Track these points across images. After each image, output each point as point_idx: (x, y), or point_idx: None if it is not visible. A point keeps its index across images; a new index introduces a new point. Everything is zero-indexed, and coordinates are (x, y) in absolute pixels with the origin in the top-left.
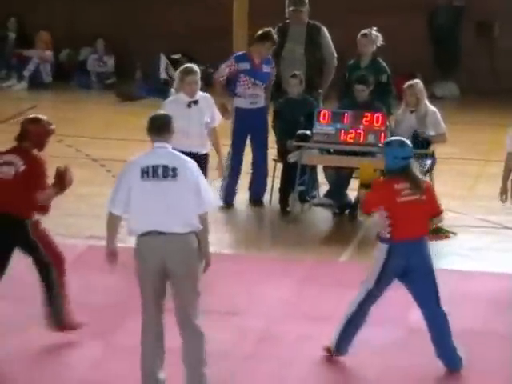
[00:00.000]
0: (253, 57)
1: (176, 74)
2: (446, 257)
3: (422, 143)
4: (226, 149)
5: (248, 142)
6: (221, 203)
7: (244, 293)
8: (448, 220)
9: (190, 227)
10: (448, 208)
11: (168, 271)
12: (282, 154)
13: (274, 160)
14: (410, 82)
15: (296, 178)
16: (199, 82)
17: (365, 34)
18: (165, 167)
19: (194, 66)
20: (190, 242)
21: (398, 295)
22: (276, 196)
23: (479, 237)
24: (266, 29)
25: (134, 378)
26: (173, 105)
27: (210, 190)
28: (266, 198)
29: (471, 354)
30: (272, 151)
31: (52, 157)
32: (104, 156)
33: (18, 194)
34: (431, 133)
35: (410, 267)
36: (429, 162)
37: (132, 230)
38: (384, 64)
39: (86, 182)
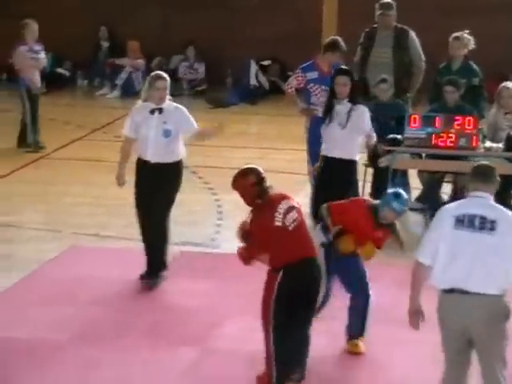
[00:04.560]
0: (320, 65)
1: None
2: None
3: None
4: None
5: None
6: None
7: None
8: None
9: (501, 289)
10: None
11: (472, 336)
12: (373, 159)
13: (365, 165)
14: (505, 85)
15: (387, 183)
16: (167, 90)
17: (457, 37)
18: (482, 218)
19: (163, 73)
20: (498, 306)
21: None
22: None
23: None
24: (334, 37)
25: (230, 381)
26: (137, 111)
27: None
28: None
29: None
30: (362, 156)
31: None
32: (197, 163)
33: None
34: None
35: None
36: None
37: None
38: (476, 67)
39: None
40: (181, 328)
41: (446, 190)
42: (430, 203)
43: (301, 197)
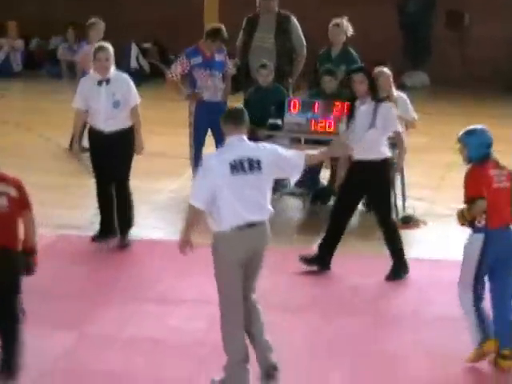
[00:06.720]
0: (204, 50)
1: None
2: (416, 246)
3: None
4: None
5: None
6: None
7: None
8: (419, 209)
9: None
10: (419, 197)
11: (251, 262)
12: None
13: None
14: (380, 69)
15: None
16: (111, 60)
17: (336, 24)
18: (250, 159)
19: (106, 44)
20: (268, 230)
21: None
22: None
23: (450, 226)
24: (216, 25)
25: (106, 367)
26: (85, 83)
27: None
28: None
29: (443, 340)
30: None
31: (22, 146)
32: None
33: (15, 223)
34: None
35: (500, 256)
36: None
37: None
38: (354, 53)
39: (55, 171)
40: (56, 313)
41: (326, 175)
42: (308, 188)
43: (184, 180)
